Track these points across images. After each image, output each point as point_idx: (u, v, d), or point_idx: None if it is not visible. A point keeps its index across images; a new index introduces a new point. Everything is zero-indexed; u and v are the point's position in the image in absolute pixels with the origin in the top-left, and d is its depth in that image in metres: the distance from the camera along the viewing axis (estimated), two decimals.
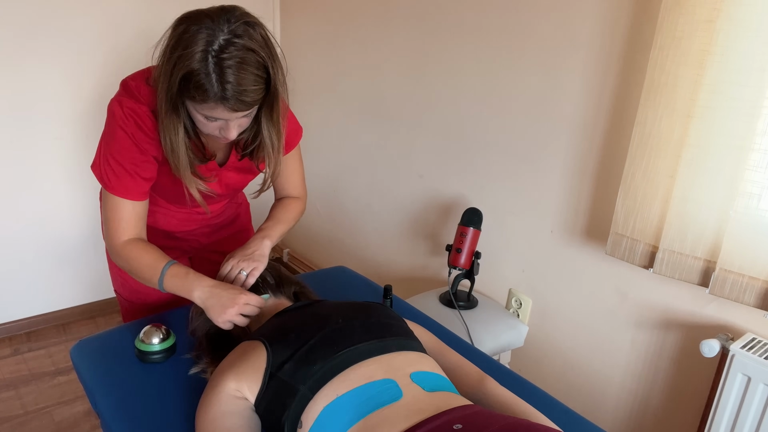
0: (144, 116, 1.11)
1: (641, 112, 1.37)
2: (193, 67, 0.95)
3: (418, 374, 0.93)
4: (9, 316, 2.41)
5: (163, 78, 1.00)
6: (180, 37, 0.96)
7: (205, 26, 0.95)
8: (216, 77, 0.95)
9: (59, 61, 2.23)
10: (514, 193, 1.84)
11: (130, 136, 1.11)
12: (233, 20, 0.96)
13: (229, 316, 1.09)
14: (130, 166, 1.13)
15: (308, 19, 2.63)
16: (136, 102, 1.10)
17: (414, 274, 2.30)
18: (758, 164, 1.22)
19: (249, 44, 0.96)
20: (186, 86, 0.97)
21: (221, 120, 1.03)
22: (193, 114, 1.05)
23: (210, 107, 0.99)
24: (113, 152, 1.13)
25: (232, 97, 0.97)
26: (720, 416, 1.31)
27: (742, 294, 1.26)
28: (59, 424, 1.97)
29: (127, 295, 1.46)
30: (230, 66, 0.95)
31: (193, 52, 0.94)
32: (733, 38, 1.20)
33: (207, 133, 1.09)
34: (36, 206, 2.34)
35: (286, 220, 1.36)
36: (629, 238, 1.45)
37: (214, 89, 0.96)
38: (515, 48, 1.74)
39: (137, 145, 1.12)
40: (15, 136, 2.22)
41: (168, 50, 0.98)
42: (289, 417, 0.91)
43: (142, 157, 1.13)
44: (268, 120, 1.13)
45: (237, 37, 0.95)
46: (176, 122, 1.06)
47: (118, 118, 1.11)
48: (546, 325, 1.83)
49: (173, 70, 0.97)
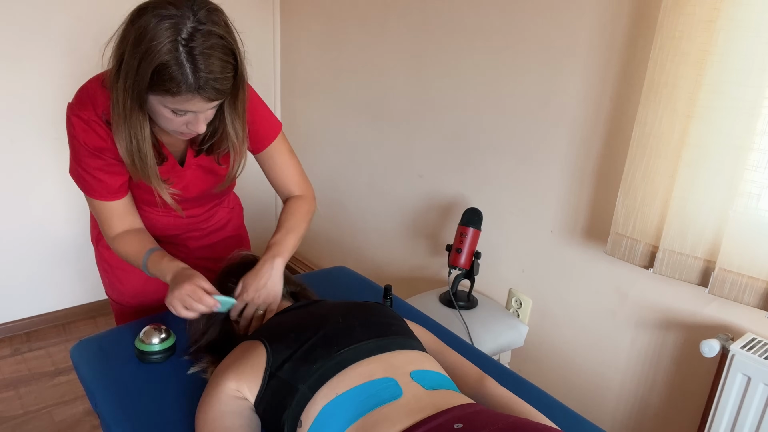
0: (92, 122, 1.08)
1: (641, 112, 1.37)
2: (164, 59, 0.89)
3: (419, 373, 0.93)
4: (9, 316, 2.41)
5: (127, 75, 0.94)
6: (143, 29, 0.90)
7: (169, 15, 0.90)
8: (190, 67, 0.90)
9: (57, 62, 2.23)
10: (514, 193, 1.84)
11: (84, 143, 1.10)
12: (196, 7, 0.92)
13: (170, 301, 1.06)
14: (94, 171, 1.13)
15: (308, 19, 2.63)
16: (83, 109, 1.08)
17: (414, 274, 2.30)
18: (758, 164, 1.22)
19: (216, 30, 0.93)
20: (156, 80, 0.92)
21: (190, 113, 0.99)
22: (157, 110, 0.99)
23: (183, 99, 0.94)
24: (76, 160, 1.13)
25: (206, 86, 0.93)
26: (720, 416, 1.31)
27: (741, 294, 1.26)
28: (59, 424, 1.97)
29: (117, 297, 1.45)
30: (202, 53, 0.91)
31: (160, 44, 0.89)
32: (733, 38, 1.20)
33: (171, 130, 1.05)
34: (36, 206, 2.34)
35: (296, 227, 1.27)
36: (629, 238, 1.45)
37: (188, 80, 0.91)
38: (515, 48, 1.74)
39: (92, 152, 1.11)
40: (15, 137, 2.22)
41: (130, 45, 0.92)
42: (288, 416, 0.91)
43: (101, 161, 1.12)
44: (232, 110, 1.08)
45: (203, 24, 0.91)
46: (142, 120, 1.01)
47: (70, 126, 1.10)
48: (546, 325, 1.83)
49: (140, 65, 0.91)
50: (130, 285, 1.42)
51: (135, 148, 1.05)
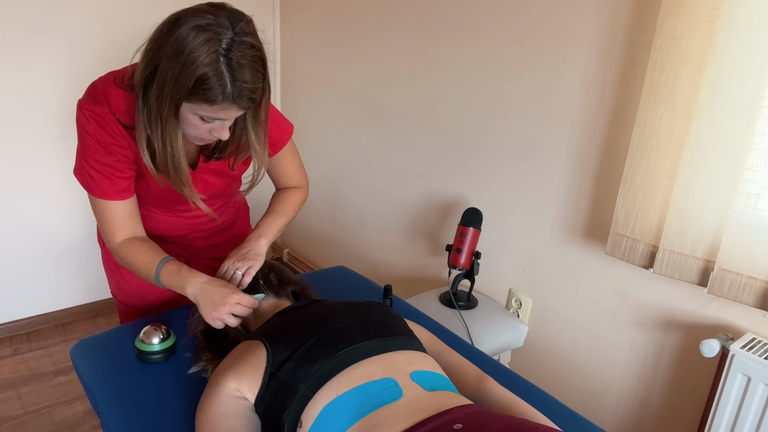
0: (106, 118, 1.08)
1: (641, 112, 1.37)
2: (205, 69, 0.92)
3: (419, 373, 0.93)
4: (9, 316, 2.41)
5: (164, 83, 0.96)
6: (182, 39, 0.93)
7: (207, 26, 0.92)
8: (229, 77, 0.94)
9: (59, 61, 2.23)
10: (514, 193, 1.84)
11: (95, 138, 1.09)
12: (233, 18, 0.95)
13: (220, 315, 1.06)
14: (103, 168, 1.11)
15: (308, 19, 2.63)
16: (97, 104, 1.08)
17: (414, 274, 2.30)
18: (757, 164, 1.22)
19: (253, 41, 0.96)
20: (197, 89, 0.94)
21: (218, 121, 1.02)
22: (186, 117, 1.01)
23: (219, 108, 0.97)
24: (85, 156, 1.12)
25: (242, 96, 0.96)
26: (720, 416, 1.31)
27: (741, 294, 1.26)
28: (59, 424, 1.97)
29: (122, 297, 1.45)
30: (242, 65, 0.94)
31: (201, 55, 0.92)
32: (733, 38, 1.20)
33: (193, 137, 1.07)
34: (36, 206, 2.34)
35: (285, 213, 1.32)
36: (629, 238, 1.45)
37: (227, 90, 0.94)
38: (515, 48, 1.74)
39: (104, 147, 1.10)
40: (15, 137, 2.22)
41: (167, 54, 0.94)
42: (289, 416, 0.91)
43: (112, 158, 1.11)
44: (253, 118, 1.10)
45: (241, 36, 0.94)
46: (176, 128, 1.03)
47: (82, 121, 1.09)
48: (546, 325, 1.83)
49: (180, 74, 0.94)
50: (135, 285, 1.42)
51: (170, 154, 1.05)
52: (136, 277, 1.40)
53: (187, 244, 1.46)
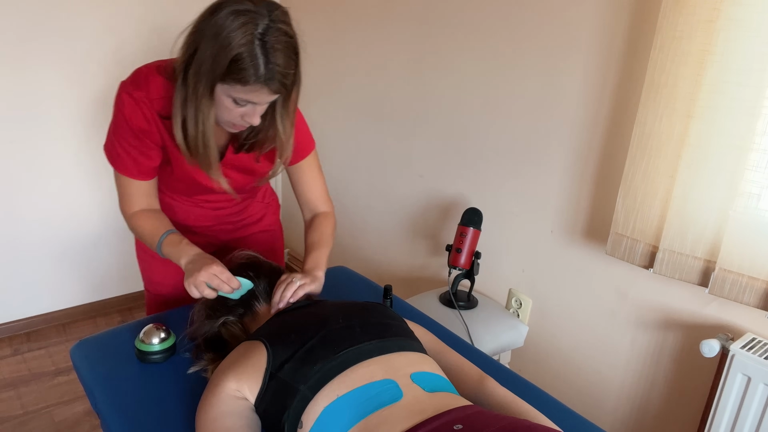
0: (142, 103, 1.13)
1: (641, 112, 1.37)
2: (240, 50, 0.97)
3: (419, 375, 0.93)
4: (9, 316, 2.41)
5: (201, 64, 1.01)
6: (221, 22, 0.97)
7: (245, 11, 0.97)
8: (263, 59, 0.98)
9: (63, 61, 2.23)
10: (514, 193, 1.84)
11: (128, 120, 1.14)
12: (271, 8, 1.00)
13: (195, 280, 1.09)
14: (130, 149, 1.17)
15: (308, 19, 2.63)
16: (137, 88, 1.13)
17: (414, 274, 2.30)
18: (758, 164, 1.22)
19: (287, 30, 1.01)
20: (232, 69, 0.98)
21: (249, 105, 1.06)
22: (219, 100, 1.05)
23: (251, 89, 1.01)
24: (116, 135, 1.17)
25: (274, 78, 1.00)
26: (720, 416, 1.31)
27: (741, 294, 1.26)
28: (59, 424, 1.97)
29: (152, 288, 1.50)
30: (276, 49, 0.98)
31: (237, 36, 0.96)
32: (733, 38, 1.20)
33: (225, 121, 1.10)
34: (36, 206, 2.34)
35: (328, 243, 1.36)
36: (629, 238, 1.45)
37: (259, 71, 0.98)
38: (515, 48, 1.74)
39: (135, 130, 1.15)
40: (16, 136, 2.22)
41: (207, 37, 0.99)
42: (289, 417, 0.91)
43: (140, 141, 1.17)
44: (283, 109, 1.15)
45: (278, 22, 0.99)
46: (209, 108, 1.06)
47: (119, 102, 1.14)
48: (546, 325, 1.83)
49: (217, 54, 0.98)
50: (170, 276, 1.46)
51: (201, 132, 1.09)
52: (168, 269, 1.45)
53: (212, 236, 1.49)
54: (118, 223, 2.57)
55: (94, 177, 2.44)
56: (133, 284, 2.70)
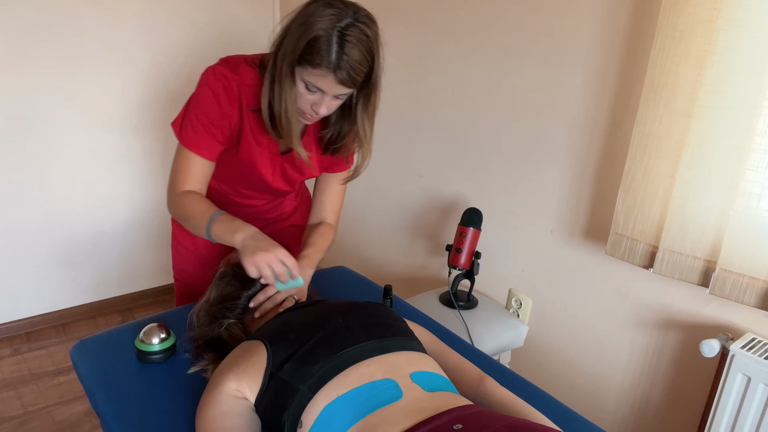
0: (233, 83, 1.19)
1: (641, 112, 1.37)
2: (318, 33, 1.05)
3: (419, 374, 0.93)
4: (9, 316, 2.41)
5: (287, 45, 1.10)
6: (312, 11, 1.07)
7: (335, 7, 1.07)
8: (336, 48, 1.06)
9: (63, 61, 2.23)
10: (514, 193, 1.84)
11: (215, 95, 1.18)
12: (359, 11, 1.10)
13: (263, 259, 1.08)
14: (208, 124, 1.20)
15: None
16: (230, 71, 1.19)
17: (414, 274, 2.30)
18: (758, 164, 1.22)
19: (367, 31, 1.09)
20: (307, 50, 1.07)
21: (318, 93, 1.13)
22: (297, 85, 1.13)
23: (319, 74, 1.08)
24: (196, 110, 1.20)
25: (342, 68, 1.07)
26: (720, 416, 1.31)
27: (742, 294, 1.26)
28: (59, 424, 1.97)
29: (185, 278, 1.53)
30: (350, 41, 1.06)
31: (321, 23, 1.05)
32: (733, 38, 1.20)
33: (297, 108, 1.17)
34: (36, 206, 2.34)
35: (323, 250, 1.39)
36: (629, 238, 1.45)
37: (330, 56, 1.06)
38: (515, 48, 1.74)
39: (219, 106, 1.19)
40: (16, 137, 2.22)
41: (297, 21, 1.09)
42: (289, 417, 0.91)
43: (220, 119, 1.20)
44: (363, 111, 1.24)
45: (359, 23, 1.08)
46: (291, 86, 1.14)
47: (209, 80, 1.19)
48: (546, 325, 1.83)
49: (300, 36, 1.07)
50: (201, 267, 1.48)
51: (284, 110, 1.16)
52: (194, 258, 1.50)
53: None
54: (119, 223, 2.57)
55: (94, 177, 2.44)
56: (133, 284, 2.70)
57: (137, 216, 2.62)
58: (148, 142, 2.54)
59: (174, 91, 2.55)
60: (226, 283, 1.22)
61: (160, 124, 2.55)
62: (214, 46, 2.59)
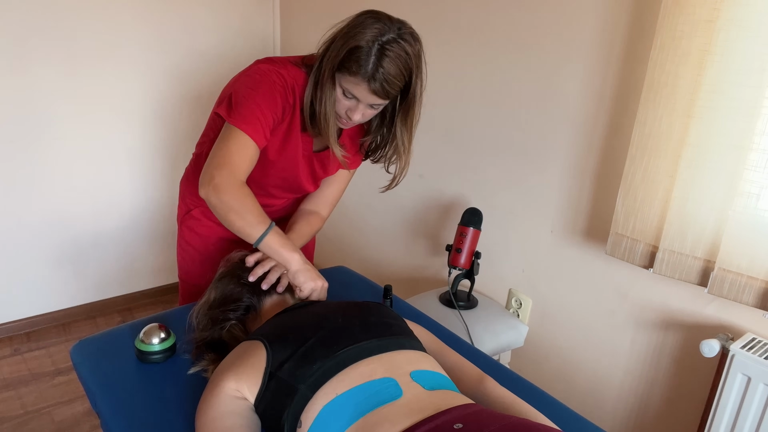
0: (288, 78, 1.22)
1: (641, 112, 1.37)
2: (361, 44, 1.11)
3: (419, 373, 0.93)
4: (9, 316, 2.41)
5: (333, 49, 1.16)
6: (360, 22, 1.14)
7: (382, 22, 1.13)
8: (374, 59, 1.11)
9: (65, 64, 2.23)
10: (514, 193, 1.84)
11: (271, 84, 1.20)
12: (403, 29, 1.15)
13: (317, 286, 1.19)
14: (263, 111, 1.19)
15: (308, 19, 2.63)
16: (281, 67, 1.23)
17: (414, 274, 2.30)
18: (757, 164, 1.22)
19: (407, 49, 1.14)
20: (348, 58, 1.13)
21: (354, 100, 1.18)
22: (336, 88, 1.18)
23: (355, 81, 1.14)
24: (251, 92, 1.20)
25: (376, 79, 1.12)
26: (720, 416, 1.31)
27: (741, 294, 1.26)
28: (59, 424, 1.97)
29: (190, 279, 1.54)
30: (388, 56, 1.12)
31: (365, 34, 1.12)
32: (733, 38, 1.20)
33: (335, 111, 1.22)
34: (36, 206, 2.34)
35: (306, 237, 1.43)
36: (629, 238, 1.45)
37: (367, 66, 1.11)
38: (515, 48, 1.74)
39: (273, 96, 1.20)
40: (16, 136, 2.22)
41: (345, 29, 1.16)
42: (288, 416, 0.91)
43: (273, 104, 1.21)
44: (402, 123, 1.29)
45: (401, 40, 1.13)
46: (332, 91, 1.19)
47: (264, 71, 1.22)
48: (546, 325, 1.83)
49: (344, 44, 1.14)
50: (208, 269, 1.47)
51: (323, 111, 1.21)
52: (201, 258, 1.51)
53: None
54: (119, 223, 2.57)
55: (94, 177, 2.44)
56: (133, 284, 2.70)
57: (138, 216, 2.62)
58: (149, 142, 2.54)
59: (174, 92, 2.55)
60: (226, 284, 1.22)
61: (160, 124, 2.55)
62: (214, 46, 2.60)
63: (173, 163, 2.63)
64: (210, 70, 2.62)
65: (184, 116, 2.60)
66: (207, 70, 2.61)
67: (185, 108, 2.59)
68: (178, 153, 2.63)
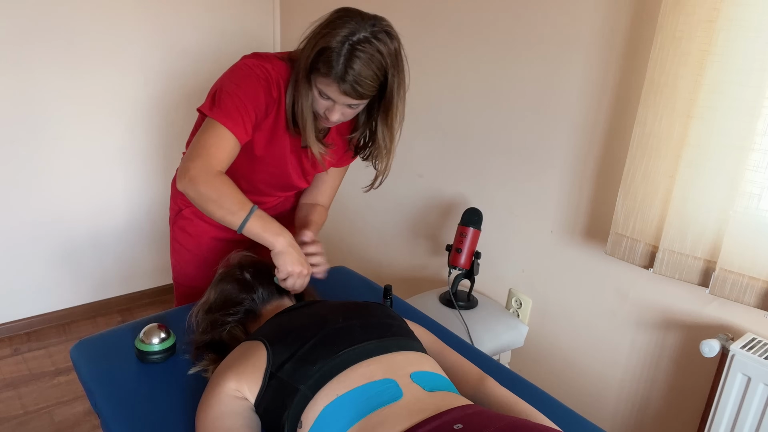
0: (273, 72, 1.21)
1: (641, 112, 1.37)
2: (331, 45, 1.09)
3: (419, 374, 0.93)
4: (9, 316, 2.41)
5: (306, 48, 1.15)
6: (332, 21, 1.12)
7: (354, 21, 1.10)
8: (344, 60, 1.09)
9: (64, 64, 2.23)
10: (514, 193, 1.84)
11: (256, 78, 1.19)
12: (377, 26, 1.12)
13: (296, 273, 1.16)
14: (244, 105, 1.18)
15: (308, 19, 2.62)
16: (266, 62, 1.22)
17: (414, 274, 2.30)
18: (758, 164, 1.22)
19: (380, 48, 1.11)
20: (319, 59, 1.11)
21: (330, 101, 1.17)
22: (313, 89, 1.17)
23: (327, 83, 1.12)
24: (234, 87, 1.19)
25: (347, 82, 1.10)
26: (720, 416, 1.31)
27: (742, 294, 1.26)
28: (59, 424, 1.97)
29: (182, 280, 1.53)
30: (359, 57, 1.09)
31: (335, 34, 1.09)
32: (733, 38, 1.20)
33: (315, 111, 1.21)
34: (36, 206, 2.34)
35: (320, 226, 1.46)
36: (629, 238, 1.45)
37: (337, 68, 1.09)
38: (515, 48, 1.74)
39: (257, 90, 1.19)
40: (16, 136, 2.22)
41: (318, 29, 1.15)
42: (289, 417, 0.91)
43: (256, 100, 1.20)
44: (383, 123, 1.26)
45: (374, 39, 1.10)
46: (308, 92, 1.18)
47: (248, 65, 1.20)
48: (546, 325, 1.83)
49: (316, 44, 1.12)
50: (203, 270, 1.48)
51: (300, 110, 1.21)
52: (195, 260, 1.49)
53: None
54: (119, 223, 2.57)
55: (94, 177, 2.44)
56: (133, 284, 2.70)
57: (137, 216, 2.62)
58: (148, 142, 2.54)
59: (174, 92, 2.55)
60: (226, 285, 1.21)
61: (160, 124, 2.55)
62: (214, 46, 2.60)
63: (172, 163, 2.63)
64: (210, 70, 2.62)
65: (183, 116, 2.60)
66: (207, 70, 2.61)
67: (184, 108, 2.59)
68: (177, 153, 2.63)
